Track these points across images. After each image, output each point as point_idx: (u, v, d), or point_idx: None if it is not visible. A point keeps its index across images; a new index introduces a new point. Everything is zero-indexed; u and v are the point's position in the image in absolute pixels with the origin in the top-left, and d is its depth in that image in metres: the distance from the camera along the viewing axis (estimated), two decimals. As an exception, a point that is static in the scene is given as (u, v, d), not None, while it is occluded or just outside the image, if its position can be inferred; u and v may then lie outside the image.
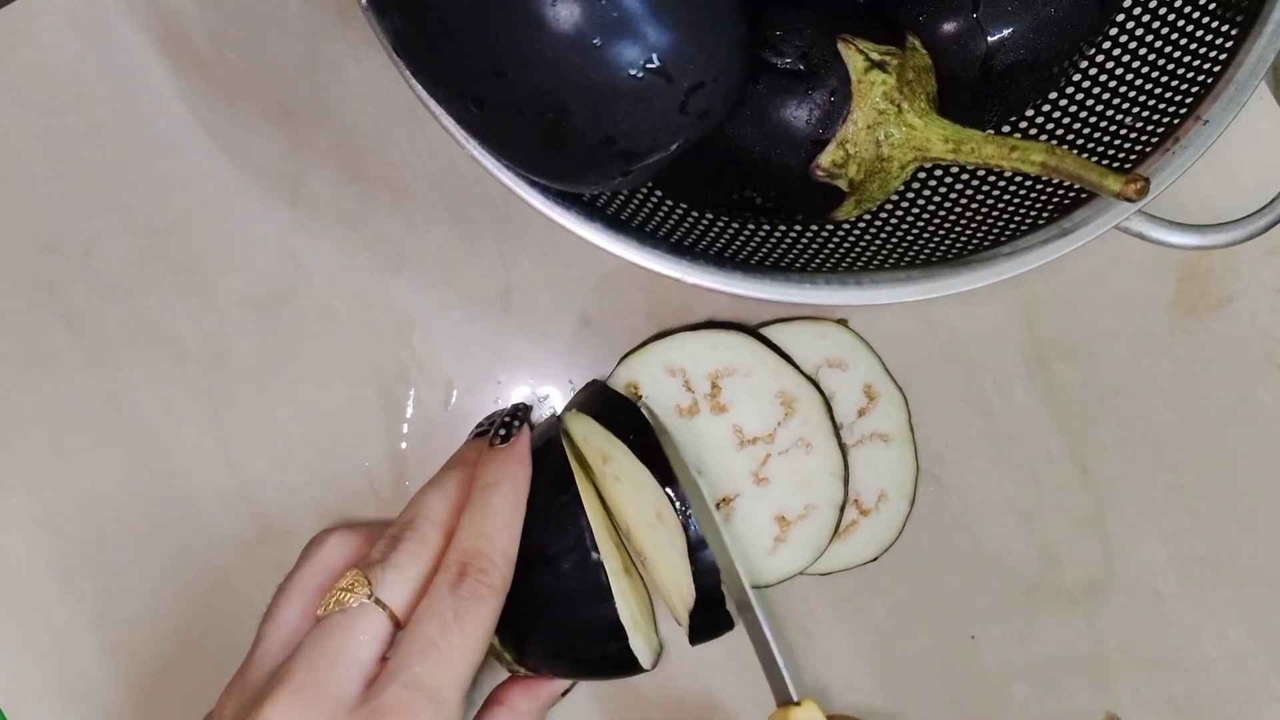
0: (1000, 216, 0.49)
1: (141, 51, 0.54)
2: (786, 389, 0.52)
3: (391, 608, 0.45)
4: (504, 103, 0.40)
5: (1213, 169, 0.54)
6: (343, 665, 0.43)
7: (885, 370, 0.54)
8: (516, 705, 0.51)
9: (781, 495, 0.52)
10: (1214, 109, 0.46)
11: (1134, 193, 0.43)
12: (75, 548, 0.54)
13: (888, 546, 0.54)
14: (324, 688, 0.43)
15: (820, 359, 0.53)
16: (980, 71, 0.48)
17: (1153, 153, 0.47)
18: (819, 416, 0.52)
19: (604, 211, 0.47)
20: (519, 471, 0.49)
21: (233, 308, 0.54)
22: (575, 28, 0.38)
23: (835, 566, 0.54)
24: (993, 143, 0.44)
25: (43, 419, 0.54)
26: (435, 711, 0.42)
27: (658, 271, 0.47)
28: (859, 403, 0.54)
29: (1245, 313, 0.55)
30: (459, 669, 0.44)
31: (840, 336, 0.54)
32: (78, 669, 0.53)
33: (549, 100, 0.39)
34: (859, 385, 0.54)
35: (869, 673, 0.55)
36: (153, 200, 0.54)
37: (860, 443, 0.53)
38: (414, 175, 0.54)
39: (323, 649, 0.44)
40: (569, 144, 0.41)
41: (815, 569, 0.53)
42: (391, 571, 0.45)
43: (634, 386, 0.53)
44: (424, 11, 0.39)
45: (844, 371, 0.54)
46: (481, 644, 0.45)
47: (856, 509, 0.53)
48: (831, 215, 0.48)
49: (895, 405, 0.54)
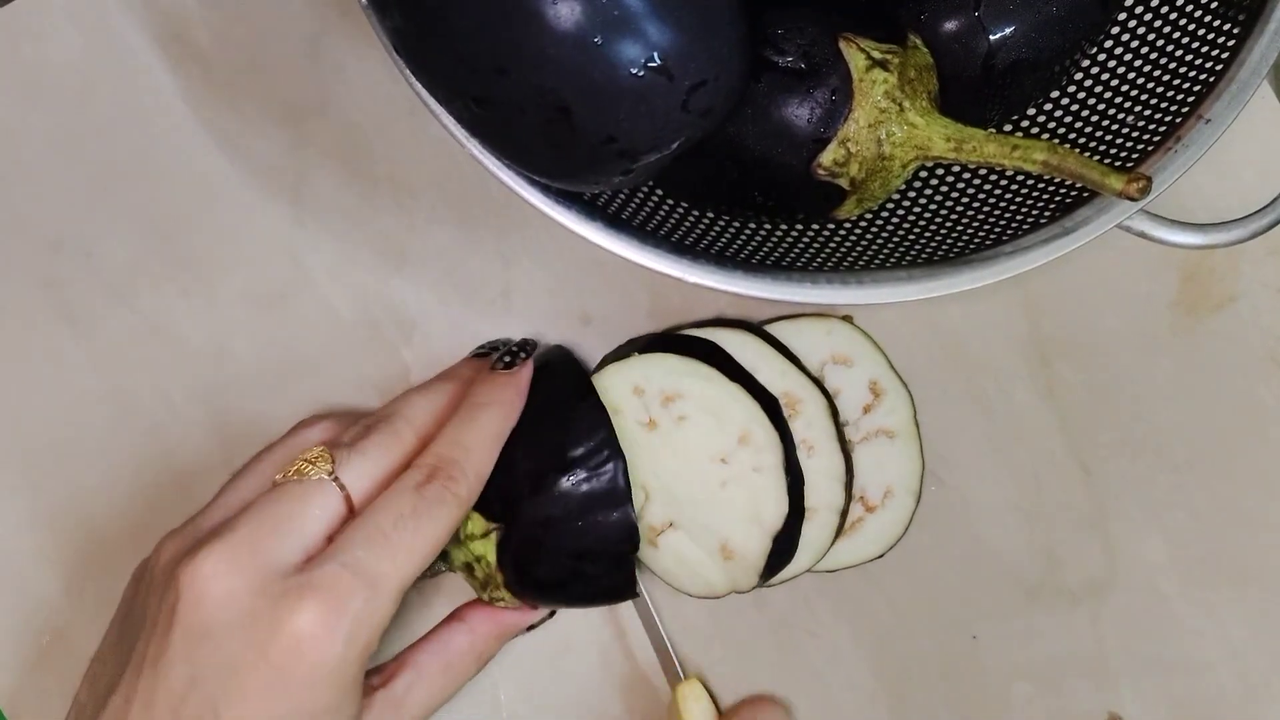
0: (1002, 215, 0.49)
1: (143, 51, 0.54)
2: (791, 390, 0.52)
3: (349, 490, 0.44)
4: (505, 102, 0.40)
5: (1215, 168, 0.54)
6: (285, 532, 0.43)
7: (890, 366, 0.54)
8: (476, 626, 0.50)
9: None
10: (1216, 108, 0.46)
11: (1136, 191, 0.43)
12: (77, 548, 0.54)
13: (894, 543, 0.54)
14: (261, 548, 0.42)
15: (826, 355, 0.53)
16: (982, 70, 0.48)
17: (1155, 151, 0.47)
18: (823, 420, 0.52)
19: (605, 210, 0.47)
20: (514, 399, 0.48)
21: (234, 306, 0.54)
22: (577, 26, 0.38)
23: (841, 564, 0.53)
24: (994, 141, 0.44)
25: (44, 418, 0.54)
26: (369, 597, 0.42)
27: (658, 270, 0.47)
28: (865, 399, 0.53)
29: (1247, 312, 0.55)
30: (402, 565, 0.43)
31: (846, 333, 0.54)
32: (79, 670, 0.53)
33: (550, 99, 0.39)
34: (864, 381, 0.53)
35: (871, 672, 0.55)
36: (154, 199, 0.54)
37: (866, 439, 0.53)
38: (415, 174, 0.54)
39: (271, 511, 0.43)
40: (570, 143, 0.41)
41: (822, 566, 0.53)
42: (357, 456, 0.45)
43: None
44: (425, 10, 0.39)
45: (849, 368, 0.53)
46: (432, 548, 0.44)
47: (863, 505, 0.53)
48: (833, 214, 0.47)
49: (901, 401, 0.54)
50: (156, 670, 0.42)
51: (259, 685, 0.41)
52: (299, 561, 0.43)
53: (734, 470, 0.51)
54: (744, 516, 0.51)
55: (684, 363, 0.51)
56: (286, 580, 0.42)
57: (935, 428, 0.55)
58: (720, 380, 0.51)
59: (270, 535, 0.43)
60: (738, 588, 0.52)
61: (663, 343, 0.53)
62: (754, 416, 0.51)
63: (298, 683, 0.41)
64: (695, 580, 0.52)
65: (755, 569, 0.51)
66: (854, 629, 0.55)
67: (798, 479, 0.51)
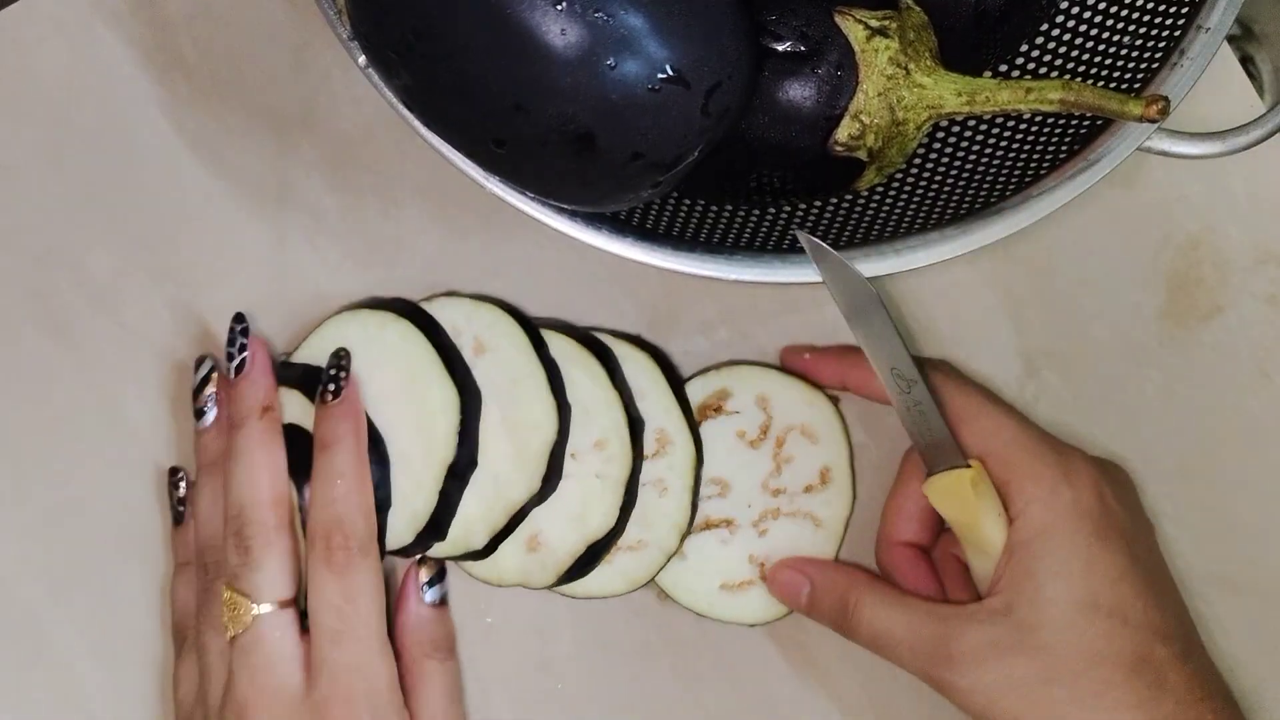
0: (1018, 160, 0.49)
1: (130, 61, 0.54)
2: (668, 429, 0.52)
3: (279, 599, 0.48)
4: (527, 138, 0.40)
5: (1215, 90, 0.53)
6: (277, 671, 0.48)
7: (850, 463, 0.53)
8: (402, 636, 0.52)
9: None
10: (1214, 16, 0.46)
11: (1156, 113, 0.43)
12: (64, 556, 0.54)
13: (772, 619, 0.53)
14: (273, 696, 0.47)
15: (797, 422, 0.53)
16: (974, 16, 0.48)
17: (1160, 68, 0.47)
18: (685, 468, 0.52)
19: (631, 224, 0.47)
20: (356, 425, 0.49)
21: (220, 317, 0.53)
22: (588, 52, 0.38)
23: (726, 617, 0.53)
24: (1007, 88, 0.44)
25: (31, 428, 0.54)
26: (366, 684, 0.48)
27: (690, 273, 0.46)
28: (811, 479, 0.53)
29: (1235, 323, 0.54)
30: (366, 638, 0.48)
31: (826, 412, 0.53)
32: (67, 678, 0.53)
33: (571, 127, 0.39)
34: (819, 464, 0.53)
35: (859, 682, 0.54)
36: (140, 210, 0.54)
37: (793, 515, 0.53)
38: (401, 184, 0.54)
39: (250, 664, 0.48)
40: (597, 166, 0.40)
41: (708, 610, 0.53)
42: (256, 574, 0.48)
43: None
44: (435, 62, 0.39)
45: (812, 444, 0.53)
46: (376, 599, 0.48)
47: (759, 572, 0.53)
48: (854, 186, 0.47)
49: (842, 499, 0.53)
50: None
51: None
52: (303, 679, 0.48)
53: (579, 468, 0.51)
54: (569, 514, 0.51)
55: (578, 351, 0.52)
56: (303, 704, 0.47)
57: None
58: (605, 384, 0.51)
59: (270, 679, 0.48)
60: (528, 582, 0.52)
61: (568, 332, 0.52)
62: (618, 429, 0.51)
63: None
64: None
65: (559, 567, 0.51)
66: (844, 646, 0.53)
67: (631, 502, 0.51)
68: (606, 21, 0.38)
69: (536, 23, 0.38)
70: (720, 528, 0.53)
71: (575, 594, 0.53)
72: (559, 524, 0.51)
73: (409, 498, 0.51)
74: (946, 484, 0.48)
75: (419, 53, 0.39)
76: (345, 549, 0.48)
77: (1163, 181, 0.54)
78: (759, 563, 0.53)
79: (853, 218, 0.50)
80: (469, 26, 0.38)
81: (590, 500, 0.51)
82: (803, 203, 0.50)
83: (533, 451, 0.51)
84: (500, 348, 0.51)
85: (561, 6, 0.38)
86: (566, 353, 0.52)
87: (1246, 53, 0.56)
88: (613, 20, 0.38)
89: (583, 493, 0.51)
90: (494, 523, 0.51)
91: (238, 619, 0.48)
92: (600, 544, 0.51)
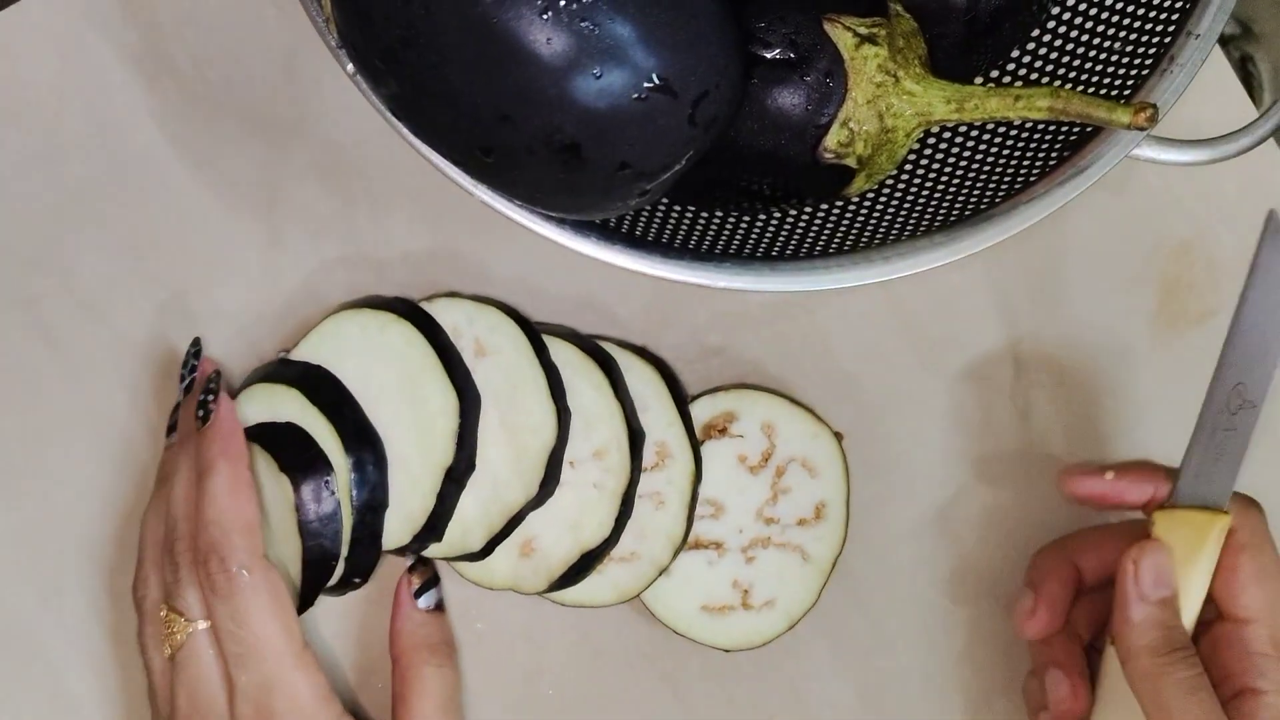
0: (1008, 166, 0.49)
1: (119, 68, 0.54)
2: (669, 442, 0.52)
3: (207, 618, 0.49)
4: (513, 147, 0.40)
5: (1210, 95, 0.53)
6: (207, 692, 0.48)
7: (847, 502, 0.53)
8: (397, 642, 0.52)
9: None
10: (1203, 22, 0.46)
11: (1145, 120, 0.43)
12: (54, 563, 0.54)
13: (747, 647, 0.53)
14: (206, 715, 0.48)
15: (799, 453, 0.53)
16: (964, 25, 0.48)
17: (1150, 75, 0.47)
18: (684, 484, 0.52)
19: (620, 231, 0.47)
20: (227, 446, 0.49)
21: (211, 323, 0.54)
22: (573, 61, 0.38)
23: (703, 639, 0.53)
24: (996, 95, 0.44)
25: (21, 434, 0.54)
26: (285, 700, 0.48)
27: (683, 281, 0.46)
28: (806, 513, 0.53)
29: (1226, 326, 0.54)
30: (273, 655, 0.48)
31: (828, 446, 0.53)
32: (57, 684, 0.53)
33: (558, 137, 0.39)
34: (817, 498, 0.53)
35: (852, 692, 0.54)
36: (130, 216, 0.54)
37: (783, 546, 0.53)
38: (393, 190, 0.54)
39: (190, 683, 0.48)
40: (584, 176, 0.40)
41: (685, 630, 0.53)
42: (189, 591, 0.48)
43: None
44: (421, 71, 0.39)
45: (811, 477, 0.53)
46: (273, 613, 0.48)
47: (741, 598, 0.53)
48: (844, 193, 0.47)
49: (834, 533, 0.53)
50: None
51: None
52: (226, 699, 0.48)
53: (577, 476, 0.51)
54: (564, 521, 0.51)
55: (581, 359, 0.52)
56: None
57: (913, 442, 0.54)
58: (607, 393, 0.51)
59: (202, 699, 0.48)
60: (519, 587, 0.52)
61: (572, 340, 0.52)
62: (619, 439, 0.51)
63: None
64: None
65: (552, 574, 0.51)
66: (834, 643, 0.54)
67: (627, 513, 0.51)
68: (592, 30, 0.38)
69: (522, 32, 0.38)
70: (709, 549, 0.53)
71: (565, 601, 0.52)
72: (554, 531, 0.51)
73: (406, 498, 0.51)
74: (1192, 519, 0.47)
75: (405, 62, 0.39)
76: (224, 572, 0.47)
77: (1155, 186, 0.54)
78: (742, 589, 0.53)
79: (843, 225, 0.49)
80: (454, 36, 0.38)
81: (586, 509, 0.51)
82: (792, 210, 0.50)
83: (531, 455, 0.51)
84: (501, 350, 0.51)
85: (547, 16, 0.38)
86: (569, 360, 0.52)
87: (1245, 52, 0.56)
88: (599, 29, 0.38)
89: (579, 501, 0.51)
90: (491, 525, 0.51)
91: (172, 637, 0.48)
92: (594, 553, 0.51)
